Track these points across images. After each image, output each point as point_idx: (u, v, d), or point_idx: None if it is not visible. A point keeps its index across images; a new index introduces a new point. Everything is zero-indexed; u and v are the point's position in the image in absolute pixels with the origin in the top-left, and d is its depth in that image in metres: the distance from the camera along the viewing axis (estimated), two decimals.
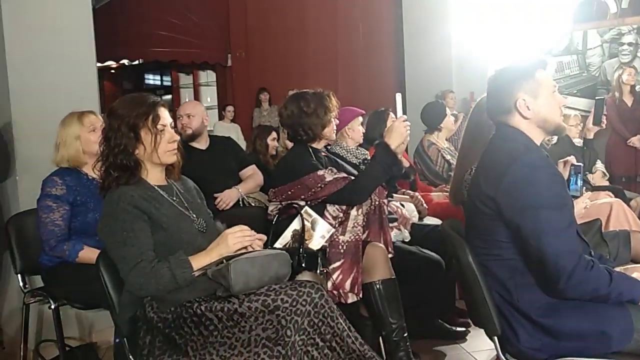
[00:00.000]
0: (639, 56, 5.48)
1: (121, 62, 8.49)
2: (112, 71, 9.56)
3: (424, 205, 2.99)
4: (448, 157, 3.53)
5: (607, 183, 3.89)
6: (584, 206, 2.15)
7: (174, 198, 1.78)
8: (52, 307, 2.30)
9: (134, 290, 1.63)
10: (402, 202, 2.86)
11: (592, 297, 1.52)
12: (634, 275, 1.60)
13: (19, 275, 2.45)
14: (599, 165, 3.90)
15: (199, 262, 1.66)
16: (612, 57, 5.60)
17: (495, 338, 1.64)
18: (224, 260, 1.63)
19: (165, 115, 1.75)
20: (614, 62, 5.57)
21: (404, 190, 3.14)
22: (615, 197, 3.11)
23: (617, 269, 1.69)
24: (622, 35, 5.54)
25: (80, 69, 3.03)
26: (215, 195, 2.85)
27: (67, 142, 2.36)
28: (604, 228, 2.36)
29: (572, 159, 2.26)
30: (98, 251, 1.81)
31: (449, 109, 3.86)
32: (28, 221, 2.42)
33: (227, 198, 2.87)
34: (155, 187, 1.76)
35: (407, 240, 2.65)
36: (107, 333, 2.54)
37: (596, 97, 3.77)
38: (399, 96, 2.25)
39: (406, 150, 3.63)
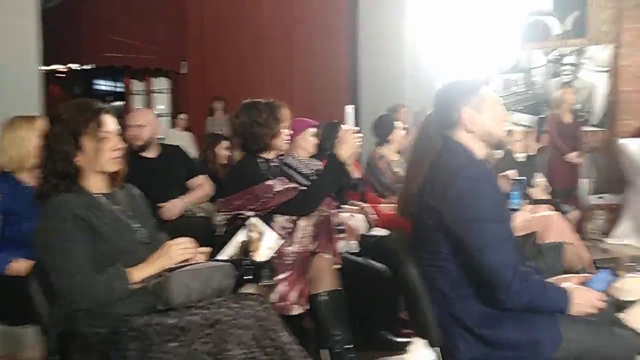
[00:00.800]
0: (578, 77, 5.77)
1: (69, 65, 8.21)
2: (63, 75, 9.22)
3: (373, 216, 3.02)
4: (397, 169, 3.59)
5: (547, 197, 4.05)
6: (524, 219, 2.23)
7: (117, 207, 1.73)
8: None
9: (69, 303, 1.57)
10: (352, 213, 2.88)
11: (529, 308, 1.57)
12: (563, 285, 1.66)
13: None
14: (540, 180, 4.06)
15: (139, 273, 1.61)
16: (554, 77, 5.87)
17: (438, 349, 1.66)
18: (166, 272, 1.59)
19: (109, 122, 1.70)
20: (556, 82, 5.85)
21: (353, 201, 3.16)
22: (555, 210, 3.25)
23: (551, 279, 1.76)
24: (563, 56, 5.83)
25: (21, 73, 2.91)
26: (159, 205, 2.78)
27: (15, 144, 2.24)
28: (543, 240, 2.46)
29: (511, 174, 2.35)
30: (29, 262, 1.73)
31: (401, 123, 3.93)
32: None
33: (171, 208, 2.81)
34: (97, 195, 1.70)
35: (355, 251, 2.67)
36: (37, 350, 2.41)
37: (538, 116, 3.94)
38: (349, 108, 2.29)
39: (359, 161, 3.69)
